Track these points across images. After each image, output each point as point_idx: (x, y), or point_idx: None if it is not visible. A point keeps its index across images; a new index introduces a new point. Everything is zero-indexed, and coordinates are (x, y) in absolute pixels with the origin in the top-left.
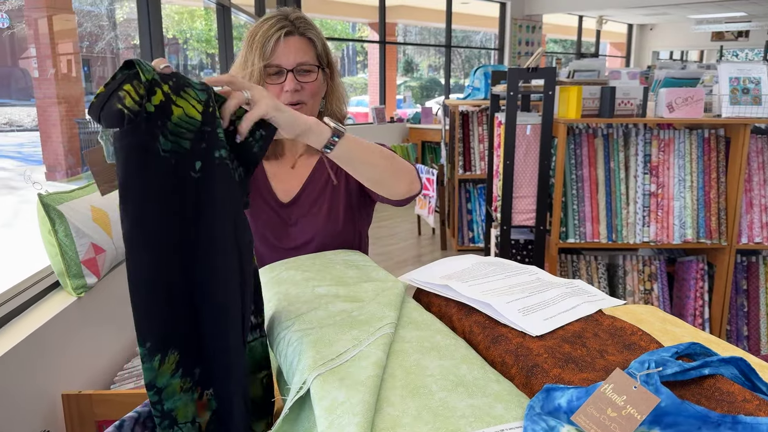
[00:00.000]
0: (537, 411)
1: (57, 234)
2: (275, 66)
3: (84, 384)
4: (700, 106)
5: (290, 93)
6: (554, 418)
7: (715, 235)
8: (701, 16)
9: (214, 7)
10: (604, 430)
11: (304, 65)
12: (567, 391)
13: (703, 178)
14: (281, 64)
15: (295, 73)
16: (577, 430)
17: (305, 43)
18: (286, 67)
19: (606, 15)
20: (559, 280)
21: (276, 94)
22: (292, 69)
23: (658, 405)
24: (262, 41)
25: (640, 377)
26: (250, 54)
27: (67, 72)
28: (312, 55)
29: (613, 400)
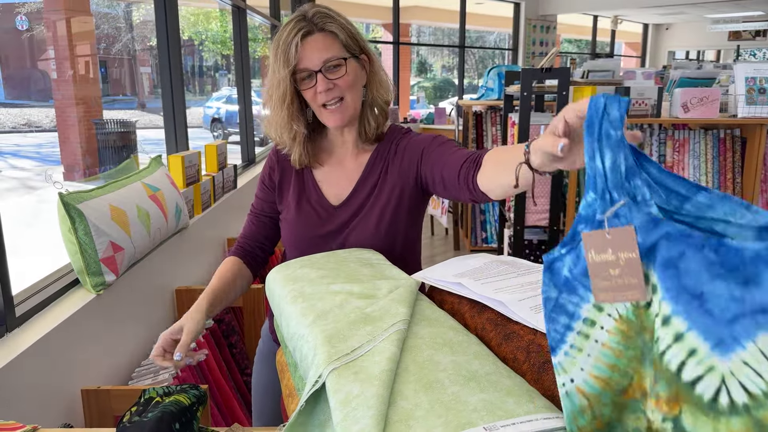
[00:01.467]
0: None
1: (77, 232)
2: (303, 70)
3: (103, 379)
4: (715, 106)
5: (324, 93)
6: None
7: None
8: (718, 15)
9: (229, 8)
10: (625, 290)
11: (331, 61)
12: (564, 258)
13: (718, 178)
14: (308, 66)
15: (324, 72)
16: (596, 306)
17: (328, 39)
18: (314, 69)
19: (621, 15)
20: None
21: (312, 97)
22: (320, 69)
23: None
24: (285, 48)
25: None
26: (276, 63)
27: (85, 73)
28: (337, 48)
29: (606, 260)
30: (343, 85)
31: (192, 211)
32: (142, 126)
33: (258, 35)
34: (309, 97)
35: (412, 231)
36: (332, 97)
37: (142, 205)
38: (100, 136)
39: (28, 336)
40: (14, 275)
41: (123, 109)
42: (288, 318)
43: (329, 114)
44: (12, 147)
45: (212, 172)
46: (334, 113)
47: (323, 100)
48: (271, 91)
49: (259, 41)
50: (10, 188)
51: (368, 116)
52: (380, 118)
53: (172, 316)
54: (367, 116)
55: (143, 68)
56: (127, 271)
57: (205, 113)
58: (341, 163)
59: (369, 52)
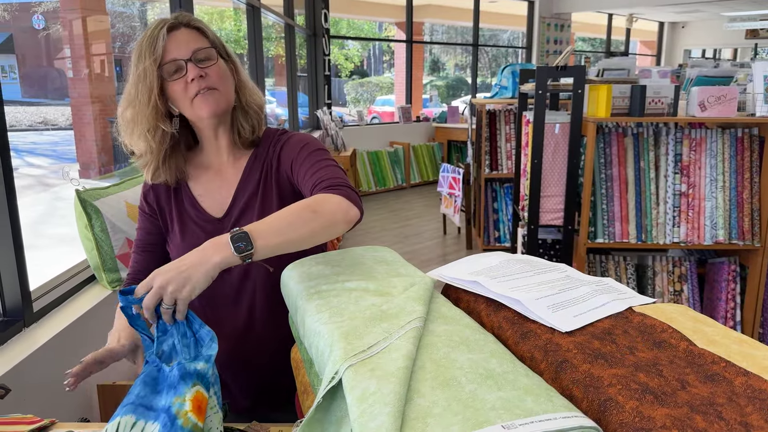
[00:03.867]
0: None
1: (93, 229)
2: (171, 61)
3: (118, 375)
4: (733, 105)
5: (196, 81)
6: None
7: (748, 236)
8: (735, 13)
9: (243, 8)
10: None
11: (200, 51)
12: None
13: (735, 178)
14: (176, 56)
15: (194, 62)
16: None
17: (194, 33)
18: (183, 58)
19: (636, 13)
20: (588, 278)
21: (182, 90)
22: (189, 58)
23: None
24: (150, 41)
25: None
26: (140, 60)
27: (101, 72)
28: (205, 42)
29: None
30: (214, 74)
31: None
32: None
33: (272, 34)
34: (179, 90)
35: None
36: (204, 86)
37: None
38: (115, 134)
39: (45, 331)
40: (32, 271)
41: None
42: (303, 314)
43: (202, 100)
44: (29, 145)
45: None
46: (207, 99)
47: (195, 88)
48: (133, 90)
49: (273, 40)
50: (26, 185)
51: (241, 120)
52: (255, 121)
53: None
54: (240, 120)
55: None
56: None
57: None
58: (219, 173)
59: (235, 60)
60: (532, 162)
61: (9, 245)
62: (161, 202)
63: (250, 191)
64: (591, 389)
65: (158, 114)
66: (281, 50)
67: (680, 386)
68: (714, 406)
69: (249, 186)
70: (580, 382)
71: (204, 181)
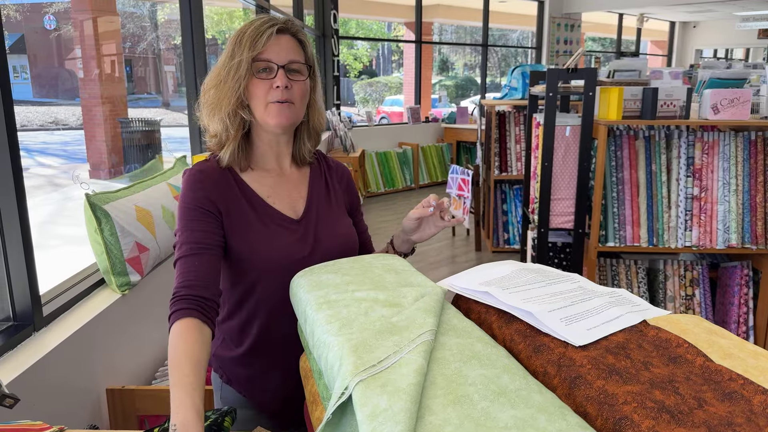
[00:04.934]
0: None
1: (103, 233)
2: (265, 60)
3: (127, 379)
4: (746, 108)
5: (281, 90)
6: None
7: (762, 240)
8: (747, 13)
9: (252, 8)
10: None
11: (295, 63)
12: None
13: (749, 181)
14: (271, 59)
15: (286, 71)
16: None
17: (296, 44)
18: (278, 63)
19: (647, 13)
20: (602, 289)
21: (264, 92)
22: (283, 65)
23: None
24: (253, 36)
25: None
26: (239, 48)
27: (111, 72)
28: (302, 56)
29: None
30: (297, 91)
31: None
32: (166, 124)
33: None
34: (260, 89)
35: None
36: (286, 98)
37: (167, 205)
38: (125, 135)
39: (54, 335)
40: (42, 272)
41: (147, 107)
42: (313, 325)
43: (277, 110)
44: (40, 144)
45: None
46: (282, 110)
47: (276, 97)
48: (224, 76)
49: None
50: (37, 185)
51: (305, 137)
52: (313, 142)
53: None
54: (304, 137)
55: (167, 67)
56: (151, 271)
57: None
58: (283, 178)
59: (317, 80)
60: (543, 165)
61: (19, 250)
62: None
63: (319, 199)
64: (605, 407)
65: (240, 102)
66: None
67: (697, 405)
68: (732, 426)
69: (318, 194)
70: (594, 399)
71: (269, 183)
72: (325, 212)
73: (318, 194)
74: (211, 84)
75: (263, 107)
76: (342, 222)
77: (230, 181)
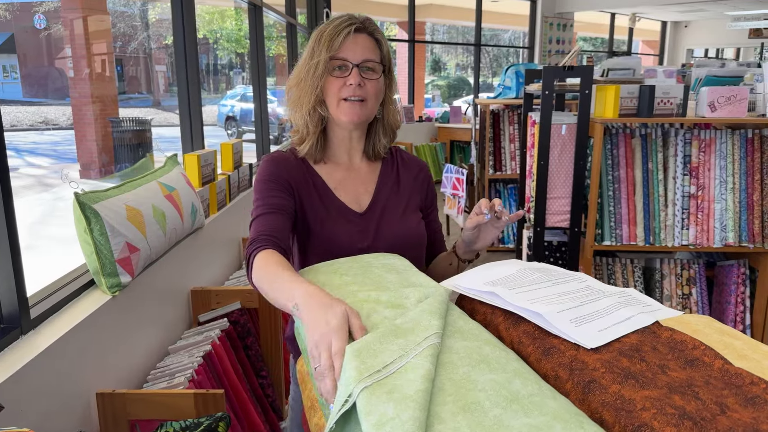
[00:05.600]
0: None
1: (92, 233)
2: (341, 59)
3: (118, 383)
4: (743, 106)
5: (354, 87)
6: None
7: (758, 239)
8: (738, 12)
9: (244, 6)
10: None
11: (369, 62)
12: None
13: (745, 179)
14: (347, 57)
15: (360, 70)
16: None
17: (372, 43)
18: (352, 62)
19: (639, 12)
20: (610, 289)
21: (337, 89)
22: (357, 64)
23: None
24: (332, 35)
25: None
26: (318, 47)
27: (102, 72)
28: (378, 55)
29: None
30: (371, 89)
31: (207, 210)
32: (157, 124)
33: (272, 33)
34: (334, 87)
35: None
36: (358, 95)
37: (158, 204)
38: (115, 134)
39: (43, 338)
40: (31, 272)
41: (138, 107)
42: None
43: (349, 107)
44: (30, 144)
45: (228, 171)
46: (354, 107)
47: (349, 93)
48: (303, 75)
49: (274, 39)
50: (27, 185)
51: (380, 133)
52: (389, 138)
53: (187, 317)
54: (379, 133)
55: (159, 66)
56: (142, 271)
57: (219, 111)
58: (352, 171)
59: (393, 76)
60: (539, 163)
61: (6, 251)
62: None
63: (387, 194)
64: (623, 413)
65: (318, 100)
66: (282, 50)
67: (720, 411)
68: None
69: (386, 189)
70: (610, 404)
71: (337, 176)
72: (391, 207)
73: (386, 189)
74: (293, 82)
75: (336, 104)
76: (409, 218)
77: (303, 169)
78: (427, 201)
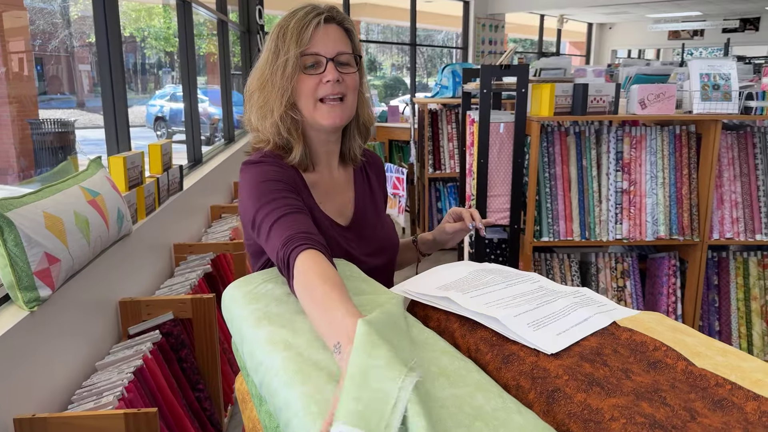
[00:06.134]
0: None
1: (6, 244)
2: (313, 55)
3: (38, 406)
4: (672, 102)
5: (332, 84)
6: None
7: (688, 231)
8: (659, 15)
9: (172, 3)
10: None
11: (344, 54)
12: None
13: (674, 174)
14: (320, 52)
15: (336, 64)
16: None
17: (344, 33)
18: (326, 56)
19: (567, 14)
20: (563, 289)
21: (312, 88)
22: (332, 58)
23: None
24: (299, 27)
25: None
26: (283, 44)
27: (19, 71)
28: (350, 47)
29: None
30: (350, 83)
31: (135, 215)
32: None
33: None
34: (308, 86)
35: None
36: (337, 92)
37: (80, 211)
38: (35, 137)
39: None
40: None
41: (61, 108)
42: (252, 344)
43: (329, 109)
44: None
45: (156, 173)
46: (334, 109)
47: (327, 92)
48: (269, 76)
49: (204, 37)
50: None
51: (355, 133)
52: (363, 138)
53: (116, 330)
54: (354, 133)
55: (82, 66)
56: (64, 283)
57: (148, 111)
58: (332, 180)
59: (364, 72)
60: (479, 162)
61: None
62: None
63: (365, 201)
64: (591, 424)
65: (290, 103)
66: (213, 48)
67: (690, 417)
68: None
69: (363, 196)
70: (577, 415)
71: (322, 188)
72: (370, 215)
73: (363, 196)
74: (254, 86)
75: (312, 105)
76: (385, 222)
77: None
78: (385, 195)
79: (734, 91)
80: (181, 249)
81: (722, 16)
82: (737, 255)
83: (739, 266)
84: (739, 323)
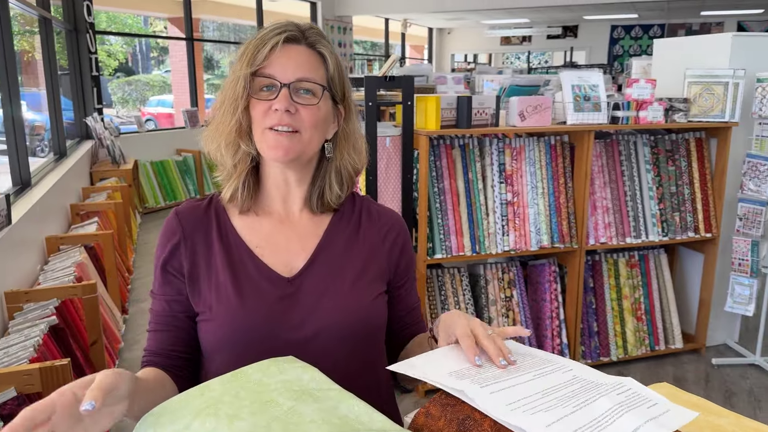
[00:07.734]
0: None
1: None
2: (267, 77)
3: None
4: (548, 114)
5: (280, 113)
6: None
7: (567, 239)
8: (493, 21)
9: None
10: None
11: (306, 81)
12: None
13: (552, 184)
14: (274, 74)
15: (292, 91)
16: None
17: (313, 57)
18: (281, 80)
19: (410, 18)
20: (602, 379)
21: (261, 114)
22: (288, 84)
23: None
24: (256, 44)
25: None
26: (239, 62)
27: None
28: (319, 74)
29: None
30: (306, 117)
31: None
32: None
33: (17, 28)
34: (259, 111)
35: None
36: (286, 123)
37: None
38: None
39: None
40: None
41: None
42: None
43: (274, 138)
44: None
45: None
46: (280, 140)
47: (274, 122)
48: (225, 93)
49: (19, 34)
50: None
51: (331, 179)
52: (345, 186)
53: None
54: (329, 179)
55: None
56: None
57: None
58: (286, 224)
59: (350, 105)
60: (367, 179)
61: None
62: (197, 257)
63: (332, 255)
64: None
65: (240, 129)
66: (26, 45)
67: None
68: None
69: (333, 248)
70: None
71: (264, 231)
72: (337, 272)
73: (333, 248)
74: (215, 105)
75: (260, 132)
76: (361, 290)
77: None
78: (400, 270)
79: (603, 101)
80: (14, 298)
81: (546, 23)
82: (608, 257)
83: (611, 268)
84: (614, 322)
